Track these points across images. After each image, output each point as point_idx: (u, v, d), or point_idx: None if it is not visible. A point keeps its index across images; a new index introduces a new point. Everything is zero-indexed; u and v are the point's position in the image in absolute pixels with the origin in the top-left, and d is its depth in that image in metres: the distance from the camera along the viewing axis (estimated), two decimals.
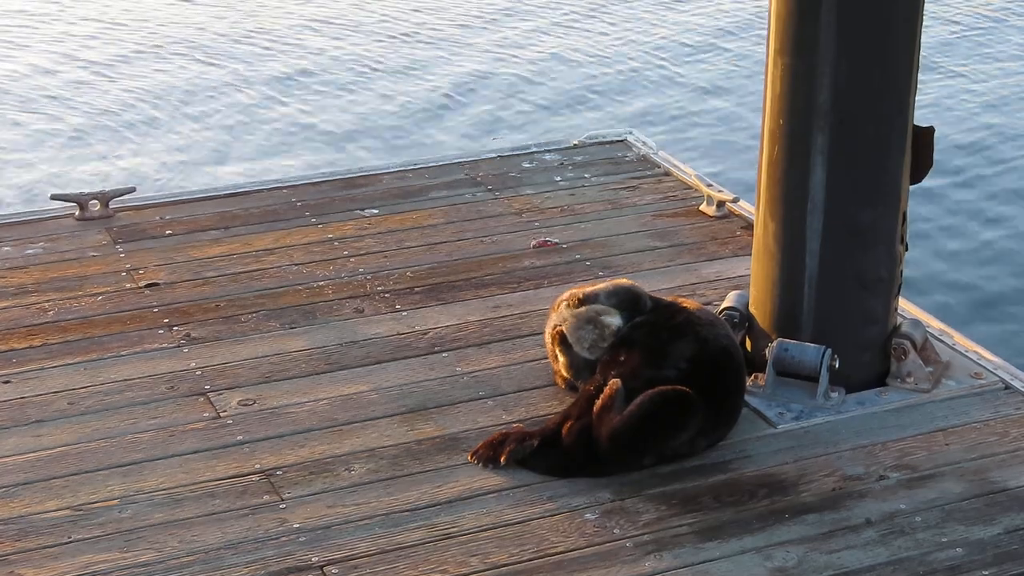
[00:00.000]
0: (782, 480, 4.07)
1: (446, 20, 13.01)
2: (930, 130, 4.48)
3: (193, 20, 13.00)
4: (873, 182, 4.41)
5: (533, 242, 5.59)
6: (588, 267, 5.37)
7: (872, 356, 4.54)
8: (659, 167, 6.31)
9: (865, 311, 4.51)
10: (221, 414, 4.39)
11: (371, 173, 6.29)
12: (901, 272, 4.56)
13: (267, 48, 12.24)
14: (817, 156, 4.35)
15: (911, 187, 4.52)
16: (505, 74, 11.60)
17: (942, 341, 4.79)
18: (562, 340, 4.39)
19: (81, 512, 3.91)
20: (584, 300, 4.42)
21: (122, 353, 4.75)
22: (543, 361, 4.61)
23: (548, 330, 4.49)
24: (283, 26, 12.84)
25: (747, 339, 4.62)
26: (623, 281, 4.58)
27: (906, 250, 4.56)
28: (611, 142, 6.59)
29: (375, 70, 11.69)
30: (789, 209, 4.44)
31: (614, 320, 4.37)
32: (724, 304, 4.68)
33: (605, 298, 4.44)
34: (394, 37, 12.53)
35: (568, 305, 4.44)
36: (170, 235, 5.66)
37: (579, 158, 6.41)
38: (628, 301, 4.43)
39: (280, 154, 10.02)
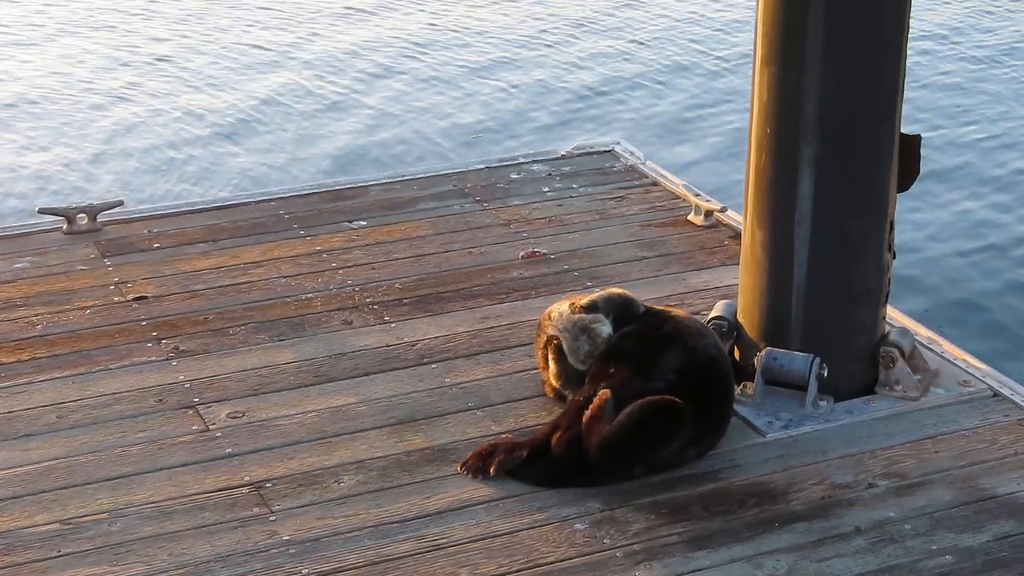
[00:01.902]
0: (771, 489, 4.07)
1: (433, 31, 13.03)
2: (917, 138, 4.50)
3: (181, 32, 13.00)
4: (861, 191, 4.42)
5: (521, 253, 5.59)
6: (576, 278, 5.38)
7: (860, 365, 4.54)
8: (647, 177, 6.32)
9: (854, 321, 4.51)
10: (210, 427, 4.38)
11: (359, 185, 6.30)
12: (889, 281, 4.57)
13: (254, 60, 12.24)
14: (805, 167, 4.36)
15: (898, 195, 4.53)
16: (493, 85, 11.61)
17: (930, 349, 4.80)
18: (557, 349, 4.40)
19: (70, 526, 3.90)
20: (583, 309, 4.43)
21: (111, 366, 4.75)
22: (532, 372, 4.62)
23: (541, 341, 4.48)
24: (270, 39, 12.84)
25: (735, 348, 4.63)
26: (615, 289, 4.59)
27: (893, 258, 4.57)
28: (599, 152, 6.60)
29: (361, 82, 11.69)
30: (777, 219, 4.45)
31: (605, 328, 4.37)
32: (712, 313, 4.69)
33: (602, 304, 4.44)
34: (382, 49, 12.54)
35: (565, 313, 4.44)
36: (158, 248, 5.66)
37: (567, 169, 6.42)
38: (621, 306, 4.44)
39: (268, 166, 10.02)
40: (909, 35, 4.40)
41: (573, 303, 4.46)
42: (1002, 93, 11.32)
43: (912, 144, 4.48)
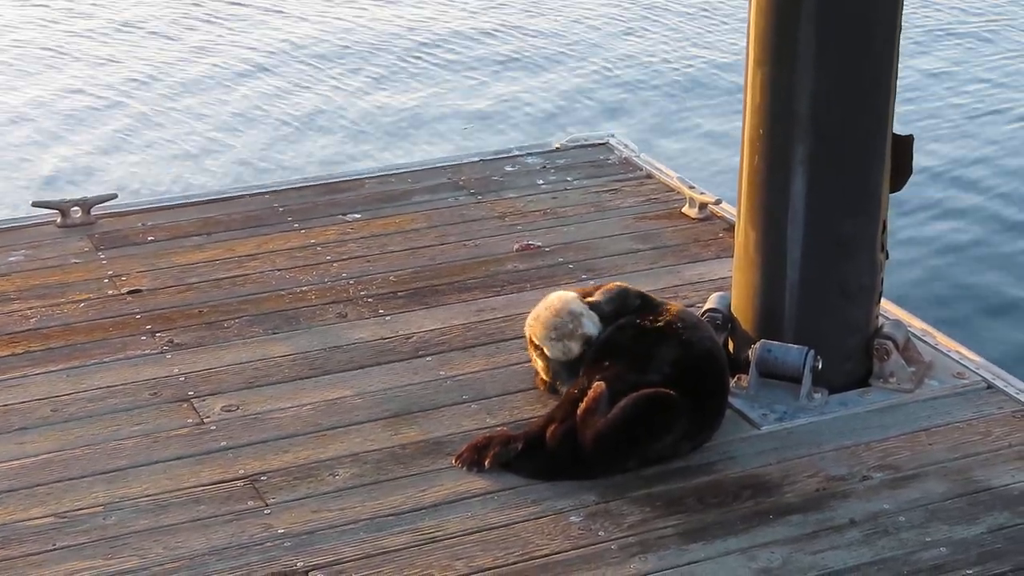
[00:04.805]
0: (766, 481, 4.08)
1: (428, 25, 13.02)
2: (909, 138, 4.50)
3: (176, 27, 12.99)
4: (854, 191, 4.42)
5: (516, 245, 5.59)
6: (571, 270, 5.38)
7: (854, 364, 4.55)
8: (641, 169, 6.31)
9: (847, 319, 4.52)
10: (205, 420, 4.38)
11: (353, 178, 6.29)
12: (882, 280, 4.57)
13: (250, 54, 12.22)
14: (798, 166, 4.36)
15: (891, 194, 4.53)
16: (487, 78, 11.61)
17: (924, 341, 4.81)
18: (538, 349, 4.41)
19: (65, 519, 3.90)
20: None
21: (105, 360, 4.74)
22: (527, 364, 4.62)
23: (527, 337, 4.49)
24: (262, 33, 12.83)
25: (730, 341, 4.63)
26: (614, 284, 4.58)
27: (887, 258, 4.57)
28: (593, 145, 6.60)
29: (355, 75, 11.69)
30: (770, 218, 4.45)
31: (590, 326, 4.35)
32: (706, 306, 4.69)
33: (606, 303, 4.42)
34: (376, 42, 12.53)
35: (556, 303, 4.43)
36: (152, 241, 5.65)
37: (561, 161, 6.42)
38: (620, 301, 4.43)
39: (263, 159, 10.01)
40: (901, 34, 4.40)
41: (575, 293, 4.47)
42: (998, 89, 11.33)
43: (905, 144, 4.49)
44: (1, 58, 12.18)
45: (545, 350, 4.37)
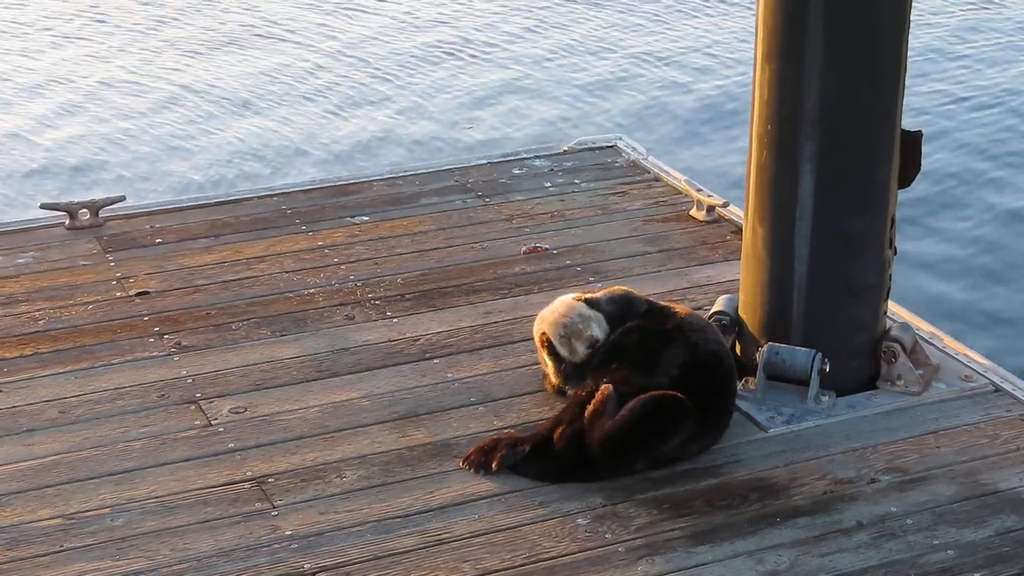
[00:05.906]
0: (773, 484, 4.07)
1: (436, 26, 13.02)
2: (918, 134, 4.49)
3: (185, 27, 13.00)
4: (862, 188, 4.42)
5: (523, 248, 5.59)
6: (579, 273, 5.38)
7: (861, 362, 4.54)
8: (649, 172, 6.32)
9: (854, 317, 4.52)
10: (212, 422, 4.39)
11: (361, 180, 6.30)
12: (890, 277, 4.57)
13: (256, 56, 12.24)
14: (806, 163, 4.36)
15: (899, 191, 4.53)
16: (495, 80, 11.61)
17: (932, 344, 4.80)
18: (549, 345, 4.40)
19: (73, 521, 3.90)
20: (588, 302, 4.43)
21: (113, 362, 4.75)
22: (534, 367, 4.62)
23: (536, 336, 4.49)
24: (272, 35, 12.84)
25: (737, 343, 4.63)
26: (618, 288, 4.58)
27: (895, 254, 4.57)
28: (601, 148, 6.60)
29: (363, 76, 11.69)
30: (778, 215, 4.45)
31: (597, 330, 4.35)
32: (714, 308, 4.69)
33: (606, 303, 4.43)
34: (383, 43, 12.54)
35: (561, 306, 4.43)
36: (160, 243, 5.66)
37: (569, 164, 6.42)
38: (623, 304, 4.43)
39: (270, 162, 10.02)
40: (910, 30, 4.40)
41: (578, 296, 4.47)
42: (1003, 87, 11.32)
43: (913, 140, 4.48)
44: (8, 61, 12.20)
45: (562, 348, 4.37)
